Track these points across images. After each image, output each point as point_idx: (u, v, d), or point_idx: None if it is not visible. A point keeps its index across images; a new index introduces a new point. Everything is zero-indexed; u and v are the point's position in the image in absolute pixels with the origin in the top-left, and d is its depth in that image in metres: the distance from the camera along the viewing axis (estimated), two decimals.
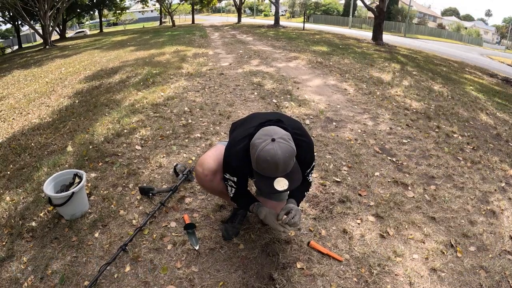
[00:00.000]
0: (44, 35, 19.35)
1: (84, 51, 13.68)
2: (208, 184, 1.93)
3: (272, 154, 1.45)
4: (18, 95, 6.97)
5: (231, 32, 18.29)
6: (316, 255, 2.04)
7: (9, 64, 13.32)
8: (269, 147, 1.46)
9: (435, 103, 5.23)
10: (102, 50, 13.19)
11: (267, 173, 1.51)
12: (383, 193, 2.73)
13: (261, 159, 1.47)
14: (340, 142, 3.59)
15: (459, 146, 3.74)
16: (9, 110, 5.81)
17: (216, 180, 1.92)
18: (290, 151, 1.48)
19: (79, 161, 3.30)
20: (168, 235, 2.24)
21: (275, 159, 1.44)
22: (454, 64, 11.65)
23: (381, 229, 2.29)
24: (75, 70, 8.83)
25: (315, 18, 46.61)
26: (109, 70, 8.10)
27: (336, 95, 5.29)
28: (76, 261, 2.06)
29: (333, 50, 10.37)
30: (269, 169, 1.49)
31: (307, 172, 1.87)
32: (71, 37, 32.81)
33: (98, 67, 8.69)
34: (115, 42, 16.84)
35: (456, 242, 2.23)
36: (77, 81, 7.34)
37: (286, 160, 1.46)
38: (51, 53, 15.04)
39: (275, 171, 1.49)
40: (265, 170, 1.50)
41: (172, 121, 4.19)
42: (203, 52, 9.87)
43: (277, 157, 1.44)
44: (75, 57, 11.69)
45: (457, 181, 3.03)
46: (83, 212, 2.49)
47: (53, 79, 8.03)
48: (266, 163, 1.46)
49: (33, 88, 7.39)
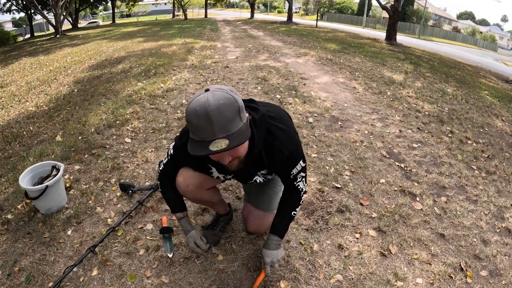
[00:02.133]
0: (55, 24, 19.34)
1: (93, 41, 13.61)
2: (190, 196, 1.71)
3: (202, 102, 1.07)
4: (20, 82, 6.89)
5: (243, 27, 18.02)
6: (304, 274, 1.78)
7: (18, 51, 13.32)
8: (200, 97, 1.09)
9: (448, 106, 4.92)
10: (111, 40, 13.09)
11: (201, 134, 1.11)
12: (387, 203, 2.44)
13: (190, 111, 1.10)
14: (344, 143, 3.32)
15: (473, 154, 3.43)
16: (9, 98, 5.71)
17: (201, 191, 1.70)
18: (226, 98, 1.09)
19: (66, 152, 3.13)
20: (142, 238, 2.02)
21: (204, 107, 1.06)
22: (469, 68, 11.21)
23: (382, 246, 2.00)
24: (80, 59, 8.71)
25: (329, 17, 46.00)
26: (113, 60, 7.95)
27: (344, 93, 5.01)
28: (45, 259, 1.93)
29: (344, 48, 10.04)
30: (200, 125, 1.09)
31: (293, 175, 1.51)
32: (83, 27, 32.92)
33: (103, 57, 8.56)
34: (125, 33, 16.75)
35: (466, 265, 1.95)
36: (80, 70, 7.21)
37: (221, 108, 1.07)
38: (61, 42, 15.01)
39: (209, 126, 1.08)
40: (197, 130, 1.11)
41: (167, 113, 3.98)
42: (211, 45, 9.65)
43: (207, 104, 1.06)
44: (83, 47, 11.60)
45: (470, 193, 2.74)
46: (59, 206, 2.34)
47: (57, 67, 7.92)
48: (195, 115, 1.08)
49: (36, 76, 7.29)
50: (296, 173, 1.52)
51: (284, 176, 1.56)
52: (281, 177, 1.61)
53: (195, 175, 1.61)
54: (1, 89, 6.59)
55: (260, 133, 1.33)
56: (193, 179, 1.61)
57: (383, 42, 14.07)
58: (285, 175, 1.54)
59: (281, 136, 1.39)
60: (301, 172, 1.53)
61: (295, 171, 1.51)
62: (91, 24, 38.93)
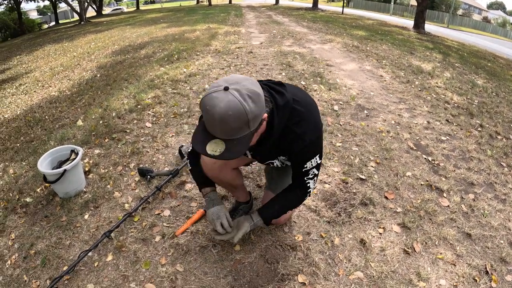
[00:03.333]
0: (80, 12, 19.65)
1: (116, 27, 13.73)
2: (215, 173, 1.64)
3: (212, 104, 1.07)
4: (44, 68, 7.02)
5: (267, 13, 17.73)
6: (323, 269, 1.71)
7: (43, 38, 13.64)
8: (215, 95, 1.08)
9: (478, 99, 4.66)
10: (134, 26, 13.16)
11: (207, 124, 1.14)
12: (413, 198, 2.32)
13: (203, 103, 1.10)
14: (370, 133, 3.19)
15: (503, 150, 3.23)
16: (32, 83, 5.84)
17: (225, 170, 1.65)
18: (237, 110, 1.06)
19: (86, 136, 3.15)
20: (159, 225, 2.00)
21: (212, 112, 1.06)
22: (500, 60, 10.64)
23: (406, 243, 1.90)
24: (104, 45, 8.80)
25: (355, 3, 44.66)
26: (136, 45, 7.97)
27: (370, 81, 4.83)
28: (61, 243, 1.94)
29: (371, 35, 9.70)
30: (207, 121, 1.12)
31: (306, 169, 1.44)
32: (107, 14, 33.32)
33: (127, 42, 8.60)
34: (149, 19, 16.81)
35: (492, 268, 1.81)
36: (103, 55, 7.27)
37: (225, 119, 1.06)
38: (85, 28, 15.23)
39: (213, 126, 1.11)
40: (205, 119, 1.13)
41: (190, 98, 3.93)
42: (235, 31, 9.52)
43: (215, 109, 1.05)
44: (107, 33, 11.71)
45: (499, 191, 2.57)
46: (77, 190, 2.34)
47: (81, 53, 8.03)
48: (205, 110, 1.09)
49: (60, 62, 7.42)
50: (309, 168, 1.44)
51: (297, 168, 1.47)
52: (294, 168, 1.52)
53: None
54: (26, 75, 6.75)
55: (281, 120, 1.28)
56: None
57: (411, 30, 13.57)
58: (298, 167, 1.46)
59: (304, 124, 1.34)
60: (314, 169, 1.46)
61: (309, 165, 1.43)
62: (115, 11, 39.34)
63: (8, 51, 12.19)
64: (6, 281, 1.72)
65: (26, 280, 1.72)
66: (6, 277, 1.75)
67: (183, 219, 2.04)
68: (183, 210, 2.12)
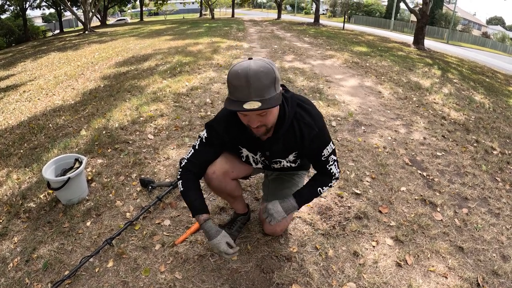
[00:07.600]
0: (84, 21, 19.91)
1: (120, 38, 13.93)
2: (215, 183, 1.70)
3: (244, 66, 1.24)
4: (48, 76, 7.12)
5: (270, 28, 18.00)
6: (317, 279, 1.76)
7: (47, 46, 13.82)
8: (243, 62, 1.27)
9: (475, 115, 4.75)
10: (138, 37, 13.36)
11: (238, 94, 1.26)
12: (407, 212, 2.38)
13: (232, 73, 1.27)
14: (366, 149, 3.27)
15: (498, 165, 3.30)
16: (36, 91, 5.93)
17: (226, 181, 1.72)
18: (266, 67, 1.25)
19: (89, 146, 3.22)
20: (159, 234, 2.06)
21: (246, 71, 1.22)
22: (499, 75, 10.77)
23: (398, 256, 1.95)
24: (108, 55, 8.93)
25: (356, 19, 45.24)
26: (140, 57, 8.10)
27: (369, 97, 4.92)
28: (62, 248, 2.00)
29: (371, 51, 9.86)
30: (239, 86, 1.24)
31: (325, 156, 1.56)
32: (111, 24, 33.73)
33: (130, 54, 8.74)
34: (153, 31, 17.06)
35: (483, 281, 1.86)
36: (107, 66, 7.39)
37: (259, 75, 1.22)
38: (89, 38, 15.45)
39: (246, 88, 1.23)
40: (236, 90, 1.26)
41: (191, 112, 4.02)
42: (237, 45, 9.69)
43: (248, 68, 1.22)
44: (111, 43, 11.89)
45: (493, 205, 2.63)
46: (80, 198, 2.41)
47: (85, 63, 8.14)
48: (236, 76, 1.24)
49: (64, 70, 7.53)
50: (327, 155, 1.56)
51: (316, 159, 1.58)
52: (313, 160, 1.63)
53: (222, 162, 1.67)
54: (30, 82, 6.85)
55: (291, 108, 1.46)
56: (220, 166, 1.67)
57: (411, 46, 13.75)
58: (317, 158, 1.57)
59: (310, 113, 1.50)
60: (332, 155, 1.58)
61: (326, 153, 1.56)
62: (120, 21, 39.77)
63: (13, 57, 12.37)
64: (8, 283, 1.77)
65: (28, 283, 1.76)
66: (8, 279, 1.80)
67: (182, 229, 2.10)
68: (183, 220, 2.18)
